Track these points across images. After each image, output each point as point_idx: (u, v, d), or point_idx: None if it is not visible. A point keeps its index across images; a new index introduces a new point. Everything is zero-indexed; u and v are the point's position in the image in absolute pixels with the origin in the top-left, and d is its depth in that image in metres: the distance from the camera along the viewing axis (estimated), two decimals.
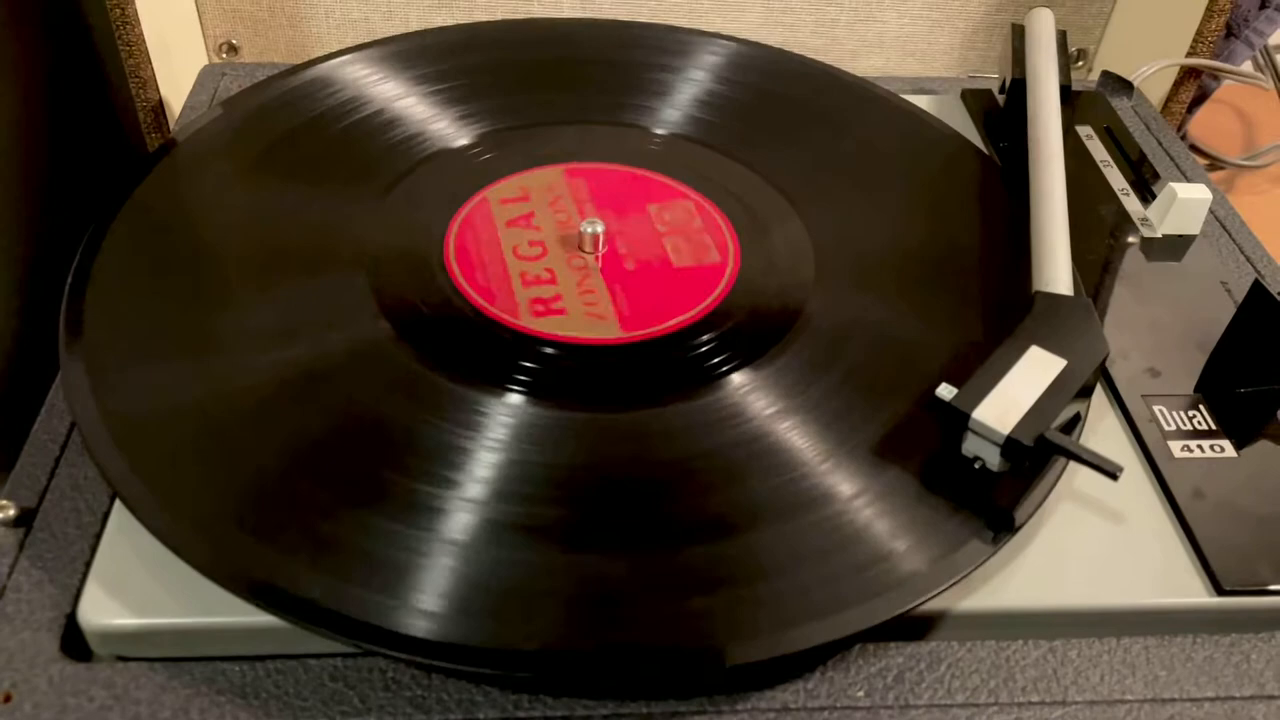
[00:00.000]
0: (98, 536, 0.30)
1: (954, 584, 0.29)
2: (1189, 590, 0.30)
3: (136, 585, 0.29)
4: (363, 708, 0.28)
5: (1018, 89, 0.46)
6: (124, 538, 0.30)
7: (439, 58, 0.46)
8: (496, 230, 0.39)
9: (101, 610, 0.28)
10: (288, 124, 0.42)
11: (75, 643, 0.29)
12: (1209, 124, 0.66)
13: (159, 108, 0.49)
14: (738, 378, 0.34)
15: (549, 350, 0.34)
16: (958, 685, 0.29)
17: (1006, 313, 0.34)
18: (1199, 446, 0.34)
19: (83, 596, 0.29)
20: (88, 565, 0.30)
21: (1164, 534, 0.32)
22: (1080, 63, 0.59)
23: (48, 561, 0.30)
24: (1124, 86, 0.52)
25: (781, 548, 0.29)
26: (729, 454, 0.31)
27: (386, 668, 0.28)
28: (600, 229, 0.37)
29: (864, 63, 0.58)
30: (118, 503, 0.31)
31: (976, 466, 0.31)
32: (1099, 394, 0.36)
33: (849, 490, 0.30)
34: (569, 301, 0.36)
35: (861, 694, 0.29)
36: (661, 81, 0.46)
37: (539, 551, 0.29)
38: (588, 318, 0.35)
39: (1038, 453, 0.30)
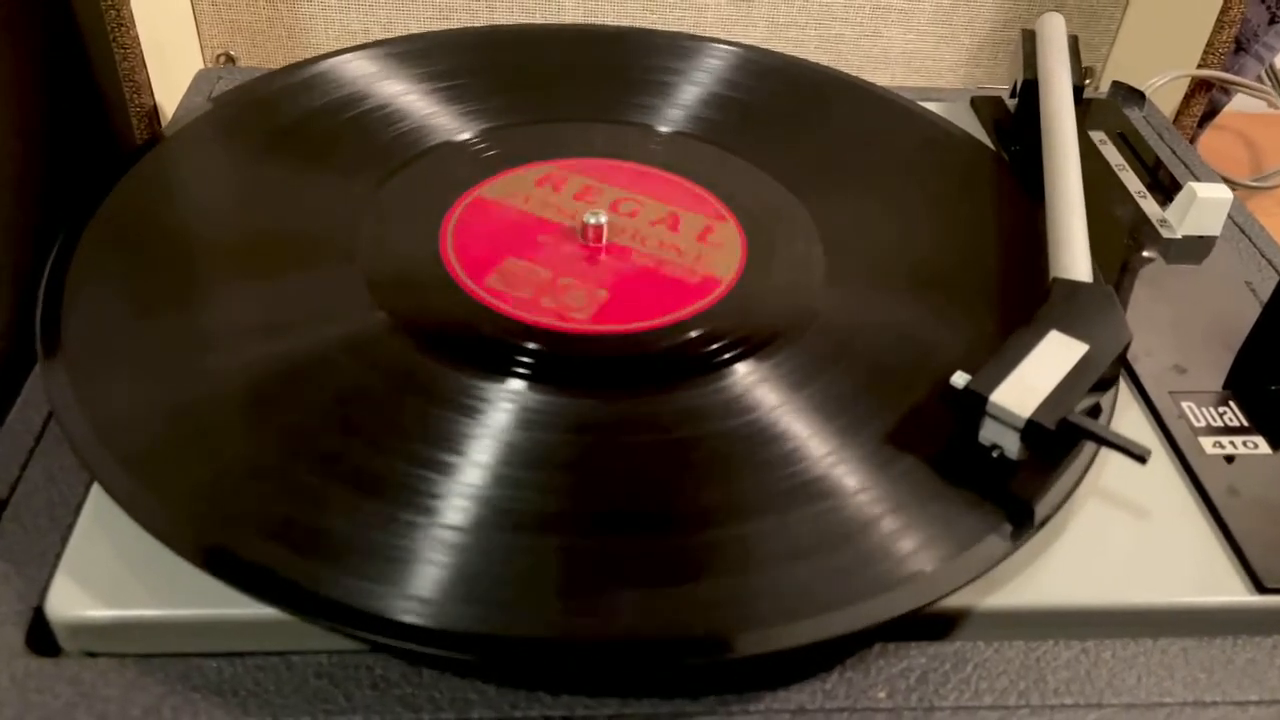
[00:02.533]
0: (70, 528, 0.29)
1: (974, 580, 0.27)
2: (1228, 589, 0.29)
3: (108, 576, 0.27)
4: (348, 706, 0.26)
5: (1029, 91, 0.45)
6: (97, 528, 0.28)
7: (432, 59, 0.45)
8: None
9: (70, 602, 0.26)
10: (275, 121, 0.41)
11: (42, 637, 0.27)
12: (1216, 148, 0.65)
13: (153, 113, 0.48)
14: (742, 367, 0.32)
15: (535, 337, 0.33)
16: (985, 686, 0.27)
17: (1023, 308, 0.32)
18: (1231, 443, 0.32)
19: (51, 587, 0.27)
20: (58, 557, 0.28)
21: (1199, 531, 0.30)
22: (1088, 80, 0.58)
23: (17, 553, 0.28)
24: (1135, 96, 0.51)
25: (795, 539, 0.27)
26: (736, 443, 0.30)
27: (374, 665, 0.26)
28: (603, 220, 0.36)
29: (869, 78, 0.57)
30: (91, 492, 0.29)
31: (995, 455, 0.29)
32: (1123, 390, 0.34)
33: (860, 482, 0.29)
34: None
35: (883, 695, 0.27)
36: (667, 84, 0.45)
37: (536, 538, 0.27)
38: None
39: (1060, 438, 0.28)
